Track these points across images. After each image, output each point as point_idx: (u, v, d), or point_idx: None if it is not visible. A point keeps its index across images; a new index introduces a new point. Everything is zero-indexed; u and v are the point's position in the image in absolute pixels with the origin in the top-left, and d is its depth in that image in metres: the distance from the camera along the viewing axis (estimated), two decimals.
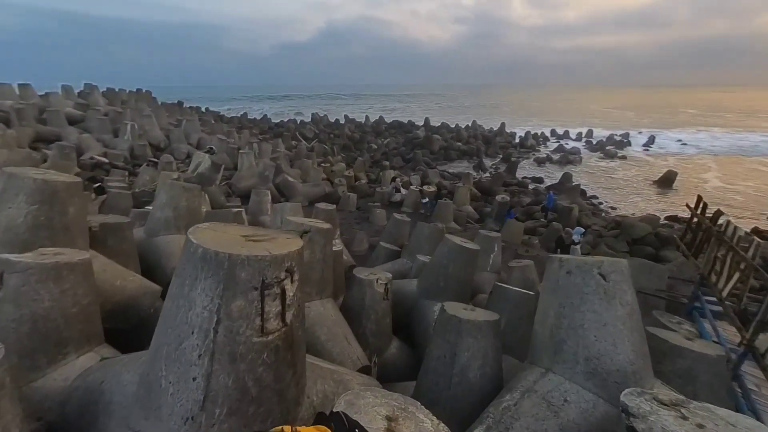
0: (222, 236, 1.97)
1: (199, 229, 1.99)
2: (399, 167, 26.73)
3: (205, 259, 1.73)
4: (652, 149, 39.27)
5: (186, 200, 6.12)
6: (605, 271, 2.84)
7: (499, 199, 14.70)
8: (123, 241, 4.83)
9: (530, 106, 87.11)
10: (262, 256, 1.79)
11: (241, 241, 1.96)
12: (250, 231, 2.17)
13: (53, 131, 16.39)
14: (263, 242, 2.01)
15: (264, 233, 2.17)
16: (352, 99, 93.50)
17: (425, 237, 8.23)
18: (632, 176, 27.64)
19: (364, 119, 47.90)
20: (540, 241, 12.98)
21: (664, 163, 31.50)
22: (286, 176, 15.62)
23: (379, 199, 16.37)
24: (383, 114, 53.61)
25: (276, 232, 2.28)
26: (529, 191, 21.19)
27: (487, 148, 35.68)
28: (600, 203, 20.12)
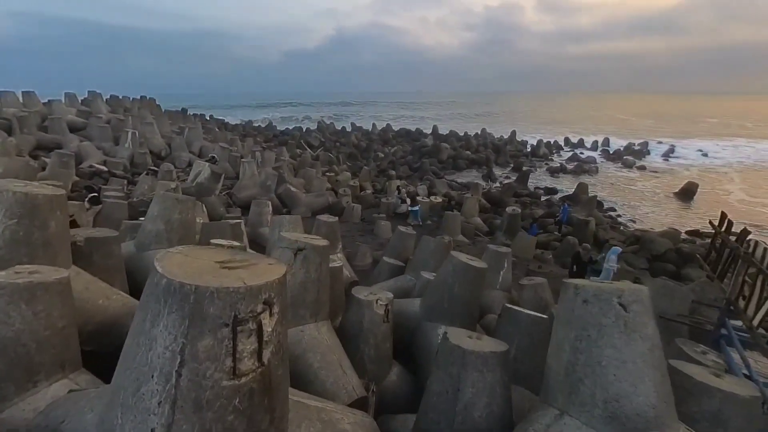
0: (193, 263, 1.82)
1: (168, 255, 1.85)
2: (406, 177, 26.63)
3: (169, 292, 1.58)
4: (672, 159, 38.64)
5: (179, 212, 6.05)
6: (626, 300, 2.63)
7: (510, 211, 14.42)
8: (109, 257, 4.75)
9: (542, 114, 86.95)
10: (234, 287, 1.64)
11: (215, 268, 1.81)
12: (228, 255, 2.02)
13: (54, 139, 16.73)
14: (239, 269, 1.86)
15: (243, 258, 2.02)
16: (360, 106, 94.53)
17: (430, 252, 8.03)
18: (652, 188, 27.12)
19: (371, 127, 48.24)
20: (554, 256, 12.66)
21: (686, 174, 30.89)
22: (289, 186, 15.61)
23: (385, 210, 16.23)
24: (391, 122, 53.93)
25: (258, 256, 2.13)
26: (541, 203, 20.87)
27: (497, 157, 35.48)
28: (618, 216, 19.68)
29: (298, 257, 4.05)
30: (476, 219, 16.17)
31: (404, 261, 9.45)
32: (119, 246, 5.00)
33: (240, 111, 76.51)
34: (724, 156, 39.79)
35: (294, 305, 4.00)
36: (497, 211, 18.03)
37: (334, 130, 46.46)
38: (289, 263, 4.08)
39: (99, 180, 15.07)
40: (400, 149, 36.79)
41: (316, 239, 4.38)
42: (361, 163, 30.79)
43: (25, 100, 19.93)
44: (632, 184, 28.03)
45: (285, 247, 4.07)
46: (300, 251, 4.04)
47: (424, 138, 41.74)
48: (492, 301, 7.77)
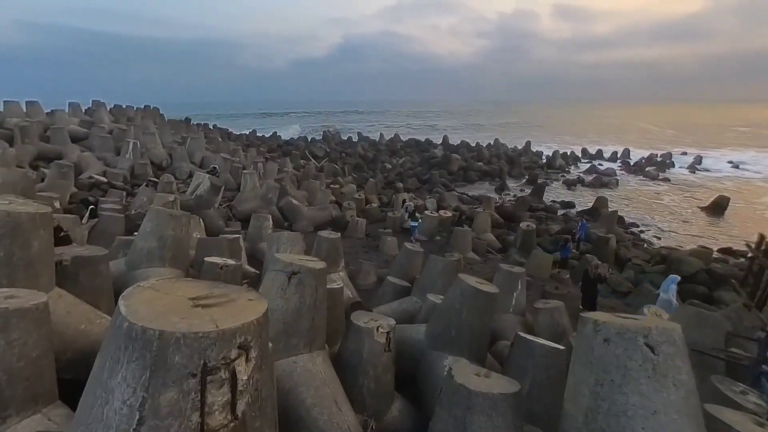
0: (163, 300, 1.71)
1: (137, 291, 1.74)
2: (414, 189, 26.55)
3: (131, 337, 1.47)
4: (699, 171, 37.86)
5: (173, 229, 6.02)
6: (654, 341, 2.43)
7: (524, 227, 14.14)
8: (96, 277, 4.70)
9: (558, 124, 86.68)
10: (204, 332, 1.52)
11: (186, 307, 1.70)
12: (204, 290, 1.91)
13: (55, 149, 17.16)
14: (214, 308, 1.74)
15: (221, 293, 1.91)
16: (368, 115, 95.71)
17: (438, 272, 7.83)
18: (678, 202, 26.52)
19: (378, 137, 48.56)
20: (571, 276, 12.30)
21: (717, 187, 30.17)
22: (291, 199, 15.62)
23: (391, 225, 16.11)
24: (399, 131, 54.28)
25: (238, 290, 2.01)
26: (558, 217, 20.53)
27: (510, 168, 35.26)
28: (641, 232, 19.19)
29: (292, 281, 3.93)
30: (488, 235, 15.94)
31: (410, 280, 9.23)
32: (107, 265, 4.95)
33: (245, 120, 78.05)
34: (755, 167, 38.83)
35: (286, 334, 3.86)
36: (510, 226, 17.80)
37: (340, 140, 46.89)
38: (282, 287, 3.96)
39: (98, 191, 15.32)
40: (408, 160, 36.80)
41: (313, 261, 4.26)
42: (367, 174, 30.79)
43: (29, 110, 20.60)
44: (656, 198, 27.45)
45: (278, 270, 3.96)
46: (294, 275, 3.92)
47: (433, 148, 41.78)
48: (504, 326, 7.50)
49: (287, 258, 4.09)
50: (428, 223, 15.51)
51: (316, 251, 8.40)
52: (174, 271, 6.05)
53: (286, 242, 7.27)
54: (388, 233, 14.53)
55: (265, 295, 4.08)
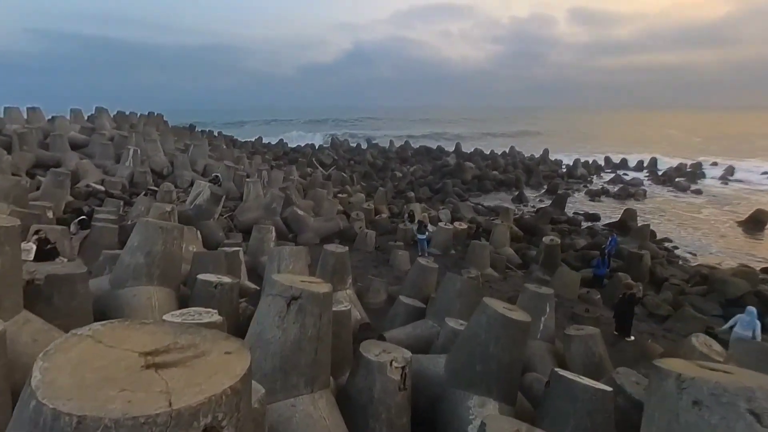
0: (102, 358, 1.27)
1: (68, 343, 1.31)
2: (426, 199, 26.14)
3: (38, 425, 1.03)
4: (732, 183, 36.66)
5: (163, 243, 5.67)
6: (761, 407, 1.90)
7: (547, 241, 13.55)
8: (73, 297, 4.35)
9: (578, 131, 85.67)
10: (150, 415, 1.07)
11: (133, 368, 1.26)
12: (166, 338, 1.46)
13: (54, 156, 17.23)
14: (175, 368, 1.29)
15: (188, 343, 1.47)
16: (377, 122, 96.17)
17: (456, 291, 7.32)
18: (712, 215, 25.52)
19: (389, 144, 48.43)
20: (602, 297, 11.61)
21: (754, 200, 29.04)
22: (296, 209, 15.32)
23: (402, 238, 15.66)
24: (410, 139, 54.16)
25: (212, 338, 1.57)
26: (582, 231, 19.82)
27: (528, 178, 34.66)
28: (674, 248, 18.33)
29: (291, 308, 3.49)
30: (507, 249, 15.42)
31: (424, 299, 8.81)
32: (86, 284, 4.60)
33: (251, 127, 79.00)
34: None
35: (284, 371, 3.40)
36: (532, 240, 17.24)
37: (348, 148, 46.88)
38: (280, 315, 3.51)
39: (94, 201, 15.22)
40: (419, 168, 36.43)
41: (316, 283, 3.82)
42: (376, 183, 30.49)
43: (30, 116, 20.89)
44: (688, 211, 26.47)
45: (276, 295, 3.53)
46: (294, 300, 3.48)
47: (446, 156, 41.44)
48: (532, 355, 6.94)
49: (286, 280, 3.66)
50: (442, 235, 15.04)
51: (321, 266, 8.08)
52: (163, 290, 5.68)
53: (289, 257, 6.87)
54: (400, 246, 14.20)
55: (261, 324, 3.65)
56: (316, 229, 15.31)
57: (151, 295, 5.46)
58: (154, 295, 5.56)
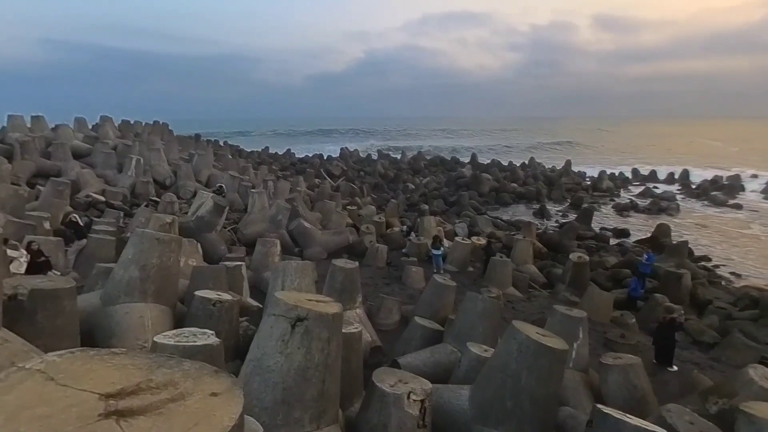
0: (50, 402, 1.02)
1: (9, 381, 1.06)
2: (441, 212, 25.88)
3: None
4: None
5: (158, 256, 5.51)
6: None
7: (575, 259, 13.10)
8: (58, 315, 4.16)
9: (602, 142, 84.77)
10: None
11: (88, 417, 1.00)
12: (137, 374, 1.21)
13: (55, 166, 17.54)
14: (142, 417, 1.03)
15: (164, 381, 1.22)
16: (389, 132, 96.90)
17: (478, 313, 6.96)
18: (755, 232, 24.55)
19: (400, 155, 48.47)
20: (638, 320, 11.04)
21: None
22: (302, 221, 15.18)
23: (416, 253, 15.34)
24: (423, 149, 54.21)
25: (195, 374, 1.32)
26: (612, 248, 19.27)
27: (549, 190, 34.20)
28: (715, 267, 17.56)
29: (296, 330, 3.22)
30: (530, 267, 15.03)
31: (441, 320, 8.60)
32: (74, 300, 4.42)
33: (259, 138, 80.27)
34: None
35: (287, 404, 3.11)
36: (556, 257, 16.85)
37: (359, 158, 47.03)
38: (284, 339, 3.24)
39: (94, 211, 15.34)
40: (433, 180, 36.29)
41: (325, 302, 3.55)
42: (388, 195, 30.40)
43: (33, 125, 21.44)
44: (730, 228, 25.54)
45: (279, 315, 3.26)
46: (300, 322, 3.21)
47: (461, 167, 41.20)
48: (564, 386, 6.49)
49: (291, 298, 3.40)
50: (459, 251, 14.72)
51: (329, 283, 7.90)
52: (158, 307, 5.48)
53: (294, 273, 6.63)
54: (413, 262, 13.94)
55: (261, 349, 3.39)
56: (323, 243, 15.14)
57: (145, 313, 5.26)
58: (148, 313, 5.36)
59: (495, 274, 12.74)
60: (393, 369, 4.52)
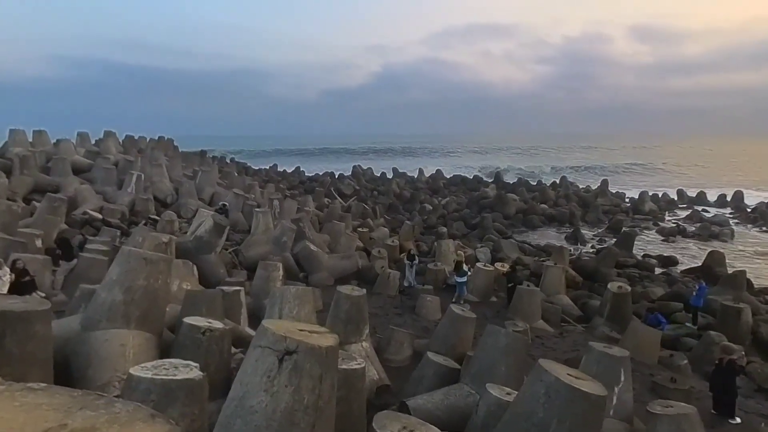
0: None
1: None
2: (461, 235, 25.70)
3: None
4: None
5: (146, 277, 5.44)
6: None
7: (615, 289, 12.63)
8: (29, 340, 4.10)
9: (642, 160, 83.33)
10: None
11: None
12: (54, 417, 1.06)
13: (53, 181, 18.18)
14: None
15: (81, 427, 1.07)
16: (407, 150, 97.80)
17: (500, 350, 6.65)
18: None
19: (417, 173, 48.54)
20: (690, 361, 10.44)
21: None
22: (308, 244, 15.17)
23: (432, 280, 15.19)
24: (442, 167, 54.19)
25: (130, 417, 1.16)
26: (657, 277, 18.75)
27: (584, 212, 33.80)
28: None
29: (284, 365, 3.04)
30: (562, 297, 14.68)
31: (459, 358, 8.34)
32: (48, 324, 4.35)
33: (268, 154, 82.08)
34: None
35: None
36: (593, 287, 16.48)
37: (372, 177, 47.30)
38: (269, 375, 3.05)
39: (90, 229, 15.67)
40: (453, 200, 36.20)
41: (318, 334, 3.36)
42: (403, 216, 30.36)
43: (35, 139, 22.42)
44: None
45: (265, 347, 3.09)
46: (288, 355, 3.03)
47: (484, 187, 41.01)
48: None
49: (280, 328, 3.22)
50: (481, 278, 14.49)
51: (333, 312, 7.79)
52: (142, 335, 5.37)
53: (293, 300, 6.50)
54: (429, 291, 13.80)
55: (244, 386, 3.21)
56: (330, 267, 15.10)
57: (126, 341, 5.16)
58: (130, 340, 5.26)
59: (521, 304, 12.51)
60: (399, 413, 4.24)
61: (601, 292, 14.37)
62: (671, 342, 11.73)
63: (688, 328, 12.62)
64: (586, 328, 13.02)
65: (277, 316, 6.33)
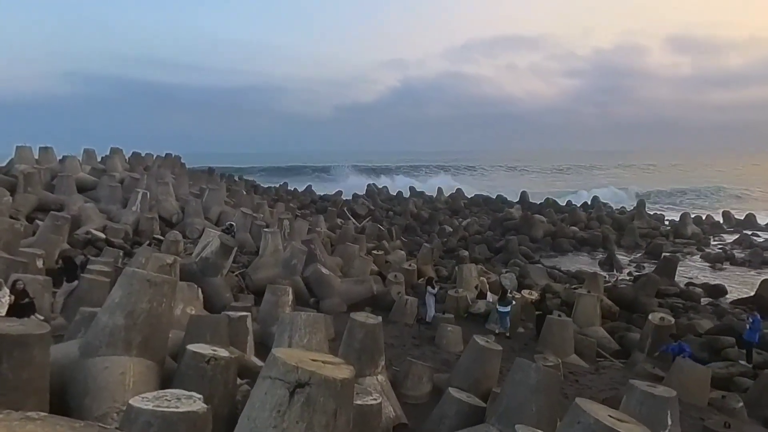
0: None
1: None
2: (484, 260, 25.57)
3: None
4: None
5: (149, 301, 5.51)
6: None
7: (657, 321, 12.39)
8: (25, 366, 4.15)
9: (681, 179, 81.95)
10: None
11: None
12: None
13: (57, 199, 18.80)
14: None
15: None
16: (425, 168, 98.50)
17: (531, 387, 6.47)
18: None
19: (436, 192, 48.66)
20: (746, 404, 10.04)
21: None
22: (320, 267, 15.26)
23: (453, 308, 15.10)
24: (463, 186, 54.20)
25: None
26: (703, 308, 18.30)
27: (619, 236, 33.45)
28: None
29: (296, 398, 2.99)
30: (597, 330, 14.49)
31: (483, 395, 8.23)
32: (45, 349, 4.41)
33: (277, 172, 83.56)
34: None
35: None
36: (631, 318, 16.28)
37: (387, 196, 47.58)
38: (279, 409, 3.01)
39: (92, 249, 16.06)
40: (475, 222, 36.14)
41: (333, 365, 3.32)
42: (421, 239, 30.38)
43: (41, 156, 23.35)
44: None
45: (275, 379, 3.06)
46: (300, 388, 2.99)
47: (508, 207, 40.83)
48: None
49: (291, 358, 3.19)
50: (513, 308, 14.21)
51: (346, 341, 7.80)
52: (143, 362, 5.41)
53: (304, 328, 6.50)
54: (450, 320, 13.70)
55: (252, 421, 3.16)
56: (343, 293, 15.11)
57: (127, 369, 5.20)
58: (131, 369, 5.29)
59: (552, 337, 12.39)
60: None
61: (641, 324, 14.18)
62: (723, 382, 11.33)
63: (742, 366, 12.15)
64: (624, 364, 12.82)
65: (286, 345, 6.30)
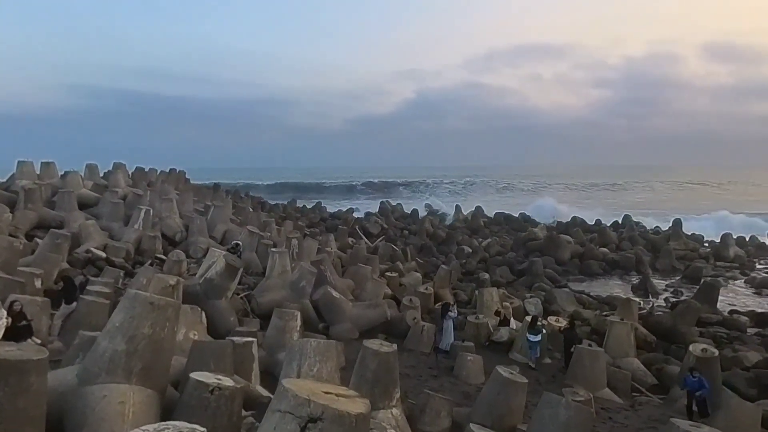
0: None
1: None
2: (506, 283, 25.43)
3: None
4: None
5: (151, 325, 5.58)
6: None
7: (698, 352, 12.04)
8: (22, 393, 4.24)
9: (723, 197, 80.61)
10: None
11: None
12: None
13: (58, 216, 19.28)
14: None
15: None
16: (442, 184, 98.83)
17: (561, 425, 6.42)
18: None
19: (454, 210, 48.64)
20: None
21: None
22: (330, 290, 15.26)
23: (473, 336, 15.03)
24: (483, 203, 54.06)
25: None
26: (749, 338, 17.96)
27: (653, 258, 33.19)
28: None
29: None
30: (632, 361, 14.25)
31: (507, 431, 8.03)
32: (43, 376, 4.50)
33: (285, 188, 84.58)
34: None
35: None
36: (669, 349, 16.01)
37: (402, 214, 47.73)
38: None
39: (92, 269, 16.35)
40: (496, 242, 35.99)
41: (346, 398, 3.30)
42: (437, 260, 30.31)
43: (42, 171, 24.06)
44: None
45: (285, 412, 3.06)
46: (312, 423, 2.98)
47: (533, 227, 40.50)
48: None
49: (303, 389, 3.19)
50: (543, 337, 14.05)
51: (358, 371, 7.77)
52: (143, 391, 5.45)
53: (314, 356, 6.51)
54: (470, 348, 13.62)
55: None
56: (355, 317, 15.05)
57: (126, 399, 5.24)
58: (131, 398, 5.33)
59: (582, 368, 12.26)
60: None
61: (680, 356, 13.92)
62: None
63: None
64: (663, 399, 12.57)
65: (295, 374, 6.29)
